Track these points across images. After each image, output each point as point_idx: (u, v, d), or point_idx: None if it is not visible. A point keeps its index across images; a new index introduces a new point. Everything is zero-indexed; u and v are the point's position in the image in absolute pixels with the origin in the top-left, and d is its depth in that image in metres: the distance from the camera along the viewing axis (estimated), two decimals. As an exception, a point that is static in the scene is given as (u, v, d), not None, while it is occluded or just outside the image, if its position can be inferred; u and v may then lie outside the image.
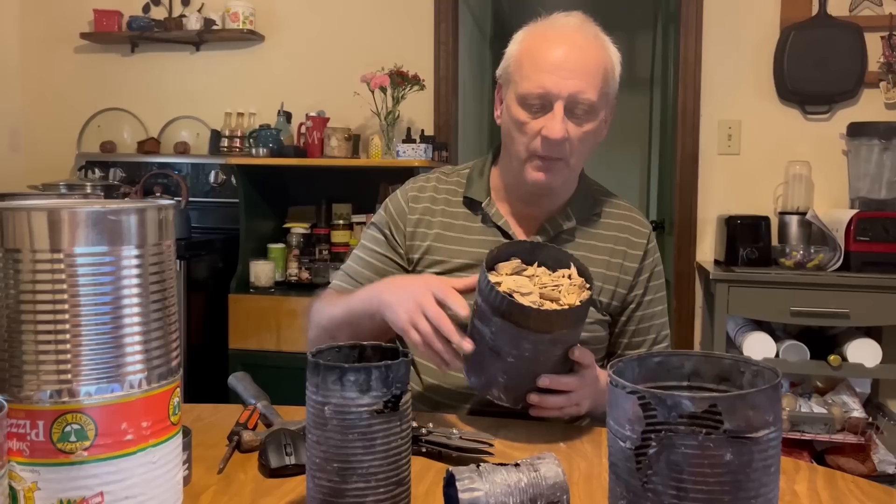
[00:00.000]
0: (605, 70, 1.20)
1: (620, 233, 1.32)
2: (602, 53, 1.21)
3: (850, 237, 2.59)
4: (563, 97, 1.16)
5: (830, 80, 2.87)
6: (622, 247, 1.31)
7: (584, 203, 1.32)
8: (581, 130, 1.19)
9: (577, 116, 1.18)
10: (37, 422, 0.64)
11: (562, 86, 1.16)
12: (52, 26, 3.54)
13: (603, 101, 1.21)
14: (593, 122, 1.20)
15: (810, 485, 0.93)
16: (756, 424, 0.63)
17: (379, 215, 1.38)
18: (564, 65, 1.17)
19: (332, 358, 0.83)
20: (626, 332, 1.32)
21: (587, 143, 1.22)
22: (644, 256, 1.32)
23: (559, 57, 1.17)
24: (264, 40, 3.38)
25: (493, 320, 0.99)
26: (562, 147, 1.19)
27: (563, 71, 1.17)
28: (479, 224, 1.30)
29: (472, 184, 1.33)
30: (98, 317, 0.65)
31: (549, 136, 1.17)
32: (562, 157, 1.20)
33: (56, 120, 3.56)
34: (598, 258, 1.29)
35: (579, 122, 1.19)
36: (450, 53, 3.21)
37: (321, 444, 0.75)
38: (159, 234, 0.70)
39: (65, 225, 0.64)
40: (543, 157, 1.20)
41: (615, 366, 0.70)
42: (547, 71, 1.17)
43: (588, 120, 1.19)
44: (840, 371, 2.56)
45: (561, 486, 0.80)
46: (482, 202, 1.30)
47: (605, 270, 1.29)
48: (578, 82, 1.16)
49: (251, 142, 3.13)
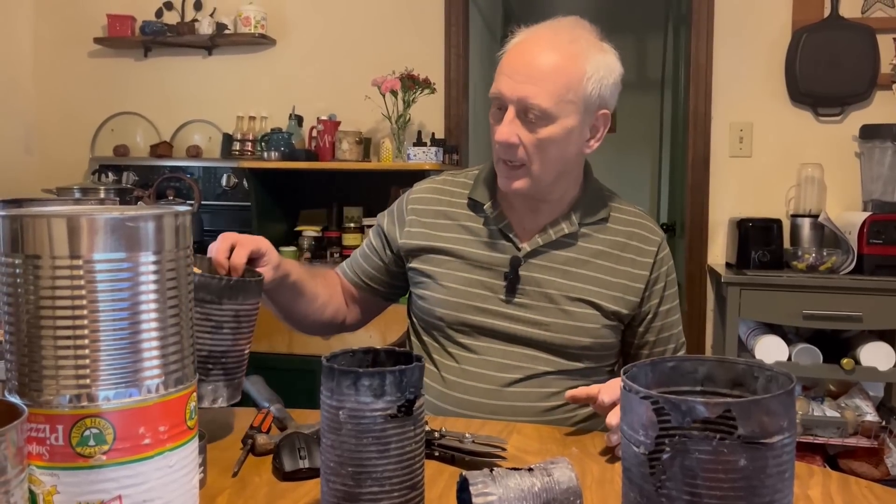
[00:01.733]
0: (567, 77, 1.17)
1: (629, 240, 1.30)
2: (569, 60, 1.18)
3: (863, 240, 2.57)
4: (514, 101, 1.18)
5: (843, 82, 2.86)
6: (630, 254, 1.29)
7: (590, 207, 1.30)
8: (535, 136, 1.19)
9: (530, 122, 1.18)
10: (56, 426, 0.65)
11: (513, 89, 1.17)
12: (65, 31, 3.57)
13: (564, 107, 1.18)
14: (550, 129, 1.18)
15: (824, 490, 0.93)
16: (770, 430, 0.63)
17: (382, 216, 1.42)
18: (520, 69, 1.18)
19: (346, 363, 0.83)
20: (646, 343, 1.32)
21: (549, 149, 1.20)
22: (655, 265, 1.30)
23: (517, 61, 1.19)
24: (276, 44, 3.39)
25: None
26: (513, 151, 1.20)
27: (518, 75, 1.18)
28: (481, 226, 1.31)
29: (477, 186, 1.33)
30: (116, 322, 0.66)
31: (496, 139, 1.20)
32: (522, 161, 1.21)
33: (70, 124, 3.59)
34: (604, 264, 1.28)
35: (532, 127, 1.18)
36: (460, 56, 3.21)
37: (336, 448, 0.76)
38: (176, 241, 0.70)
39: (84, 232, 0.65)
40: (506, 163, 1.22)
41: (629, 371, 0.70)
42: (505, 74, 1.19)
43: (542, 126, 1.18)
44: (853, 375, 2.55)
45: (574, 491, 0.80)
46: (484, 204, 1.30)
47: (610, 277, 1.27)
48: (530, 87, 1.16)
49: (263, 145, 3.15)
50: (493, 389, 1.25)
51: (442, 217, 1.33)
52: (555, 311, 1.26)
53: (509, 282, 1.26)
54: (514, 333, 1.26)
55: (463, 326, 1.28)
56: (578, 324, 1.26)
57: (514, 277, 1.26)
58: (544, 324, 1.26)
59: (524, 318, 1.26)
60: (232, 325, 1.03)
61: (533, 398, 1.25)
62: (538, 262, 1.27)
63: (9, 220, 0.65)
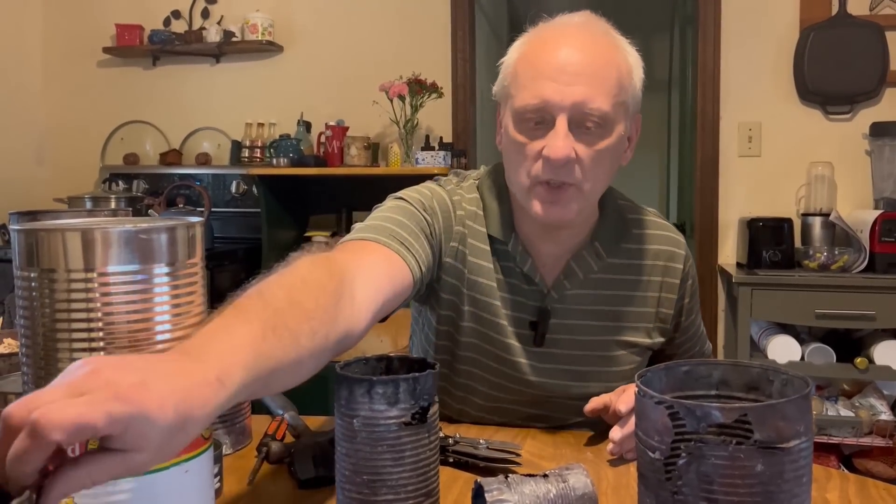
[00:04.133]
0: (618, 73, 0.99)
1: (656, 261, 1.14)
2: (614, 53, 1.00)
3: (875, 238, 2.56)
4: (567, 108, 0.96)
5: (852, 80, 2.84)
6: (658, 277, 1.14)
7: (614, 231, 1.13)
8: (593, 149, 0.98)
9: (588, 131, 0.98)
10: (73, 438, 0.65)
11: (564, 94, 0.96)
12: (74, 41, 3.59)
13: (619, 111, 0.99)
14: (608, 139, 0.99)
15: (842, 493, 0.92)
16: (787, 434, 0.63)
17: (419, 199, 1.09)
18: (566, 67, 0.96)
19: (360, 371, 0.83)
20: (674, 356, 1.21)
21: (603, 164, 1.00)
22: (682, 282, 1.17)
23: (560, 59, 0.97)
24: (283, 51, 3.40)
25: None
26: (569, 170, 0.98)
27: (566, 75, 0.96)
28: (503, 265, 1.11)
29: (490, 216, 1.11)
30: (131, 333, 0.66)
31: (551, 157, 0.96)
32: (572, 182, 0.99)
33: (80, 133, 3.61)
34: (634, 295, 1.13)
35: (590, 138, 0.98)
36: (467, 61, 3.22)
37: (350, 456, 0.76)
38: (188, 252, 0.71)
39: (98, 245, 0.65)
40: (549, 184, 0.99)
41: (643, 376, 0.69)
42: (546, 77, 0.97)
43: (601, 136, 0.98)
44: (867, 374, 2.53)
45: (590, 497, 0.80)
46: (507, 244, 1.10)
47: (641, 308, 1.14)
48: (584, 88, 0.96)
49: (271, 152, 3.16)
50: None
51: (468, 248, 1.12)
52: (592, 358, 1.13)
53: (539, 333, 1.11)
54: (543, 385, 1.13)
55: (485, 374, 1.15)
56: (617, 369, 1.13)
57: (543, 327, 1.11)
58: (580, 374, 1.13)
59: (556, 370, 1.13)
60: None
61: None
62: (566, 306, 1.11)
63: (24, 234, 0.66)
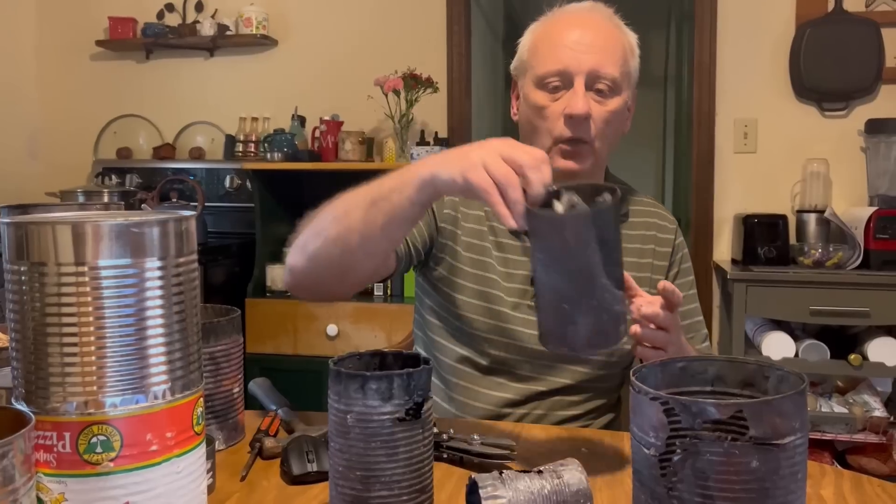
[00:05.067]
0: (623, 48, 1.17)
1: (647, 230, 1.28)
2: (619, 33, 1.19)
3: (870, 235, 2.56)
4: (584, 72, 1.13)
5: (847, 77, 2.84)
6: (651, 245, 1.27)
7: None
8: (605, 109, 1.15)
9: (600, 93, 1.15)
10: (63, 433, 0.64)
11: (581, 61, 1.13)
12: (67, 34, 3.57)
13: (625, 79, 1.17)
14: (617, 101, 1.16)
15: (836, 490, 0.92)
16: (782, 431, 0.63)
17: None
18: (582, 40, 1.14)
19: (354, 366, 0.83)
20: None
21: (612, 125, 1.17)
22: (672, 253, 1.28)
23: (576, 35, 1.15)
24: (277, 45, 3.38)
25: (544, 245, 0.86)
26: (586, 126, 1.14)
27: (582, 46, 1.14)
28: (502, 227, 1.22)
29: None
30: (122, 328, 0.65)
31: (573, 112, 1.12)
32: (587, 139, 1.15)
33: (73, 127, 3.59)
34: (628, 260, 1.22)
35: (602, 99, 1.15)
36: (462, 55, 3.21)
37: (344, 452, 0.75)
38: (181, 246, 0.70)
39: (89, 238, 0.64)
40: (569, 142, 1.15)
41: (637, 371, 0.69)
42: (565, 47, 1.14)
43: (611, 97, 1.15)
44: (861, 370, 2.54)
45: (584, 493, 0.80)
46: None
47: (636, 272, 1.22)
48: (598, 57, 1.13)
49: (266, 146, 3.14)
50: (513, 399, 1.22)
51: (468, 220, 1.24)
52: None
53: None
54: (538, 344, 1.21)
55: (490, 335, 1.22)
56: None
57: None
58: None
59: None
60: (210, 368, 1.02)
61: (557, 407, 1.24)
62: None
63: (13, 227, 0.65)
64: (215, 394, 1.03)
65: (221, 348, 1.04)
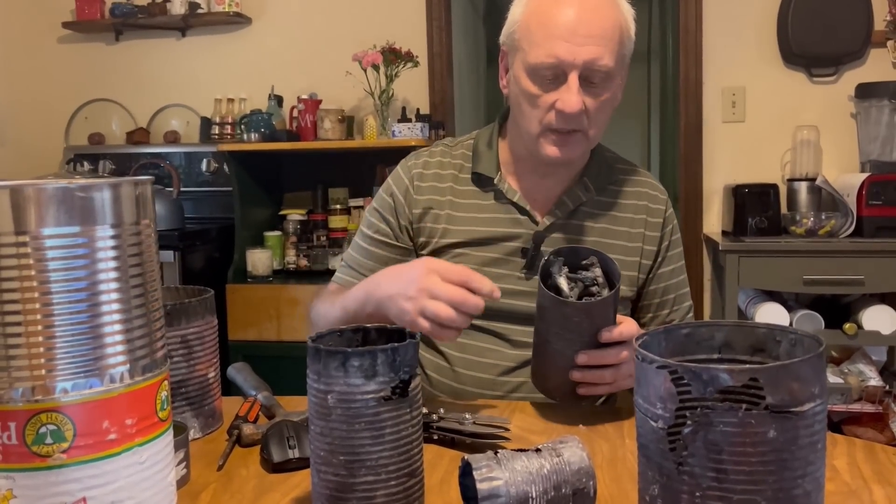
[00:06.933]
0: (620, 30, 1.11)
1: (639, 200, 1.25)
2: (615, 11, 1.12)
3: (862, 202, 2.53)
4: (579, 66, 1.07)
5: (836, 42, 2.80)
6: (642, 215, 1.25)
7: (600, 172, 1.24)
8: (598, 100, 1.11)
9: (594, 85, 1.10)
10: (8, 423, 0.58)
11: (576, 53, 1.07)
12: (33, 17, 3.46)
13: (620, 65, 1.12)
14: (611, 90, 1.12)
15: (850, 459, 0.88)
16: (801, 397, 0.59)
17: (381, 199, 1.27)
18: (578, 29, 1.07)
19: (334, 343, 0.77)
20: (650, 305, 1.26)
21: (606, 112, 1.14)
22: (664, 225, 1.26)
23: (571, 20, 1.08)
24: (251, 23, 3.30)
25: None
26: (579, 119, 1.11)
27: (577, 37, 1.07)
28: (492, 201, 1.22)
29: (479, 158, 1.24)
30: (72, 304, 0.59)
31: (565, 111, 1.09)
32: (580, 128, 1.12)
33: (42, 113, 3.49)
34: (620, 230, 1.23)
35: (596, 91, 1.11)
36: (443, 29, 3.14)
37: (325, 435, 0.70)
38: (137, 213, 0.63)
39: (31, 204, 0.58)
40: (559, 131, 1.12)
41: (641, 339, 0.65)
42: (559, 37, 1.07)
43: (605, 88, 1.11)
44: (855, 339, 2.51)
45: (587, 472, 0.74)
46: (493, 178, 1.22)
47: (627, 242, 1.22)
48: (594, 48, 1.07)
49: (242, 128, 3.08)
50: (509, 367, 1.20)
51: (449, 193, 1.24)
52: None
53: (530, 258, 1.19)
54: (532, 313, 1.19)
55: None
56: None
57: (535, 254, 1.19)
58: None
59: None
60: (182, 352, 0.98)
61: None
62: (557, 235, 1.21)
63: (-56, 194, 0.58)
64: (189, 379, 0.98)
65: (194, 330, 0.99)
